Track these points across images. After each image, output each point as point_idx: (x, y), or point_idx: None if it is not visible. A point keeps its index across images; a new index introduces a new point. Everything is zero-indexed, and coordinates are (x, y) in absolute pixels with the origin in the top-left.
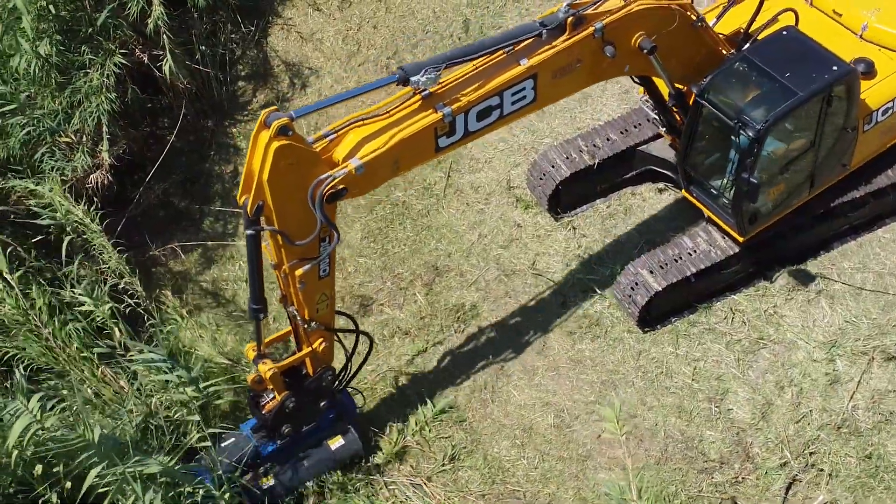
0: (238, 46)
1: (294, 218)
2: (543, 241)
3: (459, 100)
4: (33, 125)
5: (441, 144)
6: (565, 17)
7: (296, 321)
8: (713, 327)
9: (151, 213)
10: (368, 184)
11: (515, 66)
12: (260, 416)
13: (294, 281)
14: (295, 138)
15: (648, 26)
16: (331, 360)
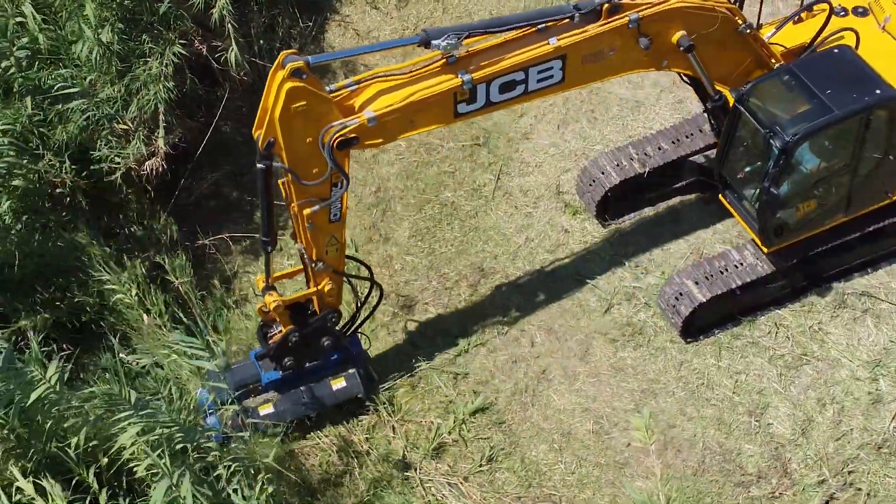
0: (295, 41)
1: (304, 159)
2: (590, 248)
3: (481, 69)
4: (92, 111)
5: (460, 110)
6: (601, 2)
7: (304, 259)
8: (757, 341)
9: (203, 203)
10: (381, 136)
11: (544, 44)
12: (265, 345)
13: (302, 219)
14: (309, 81)
15: (688, 24)
16: (337, 303)
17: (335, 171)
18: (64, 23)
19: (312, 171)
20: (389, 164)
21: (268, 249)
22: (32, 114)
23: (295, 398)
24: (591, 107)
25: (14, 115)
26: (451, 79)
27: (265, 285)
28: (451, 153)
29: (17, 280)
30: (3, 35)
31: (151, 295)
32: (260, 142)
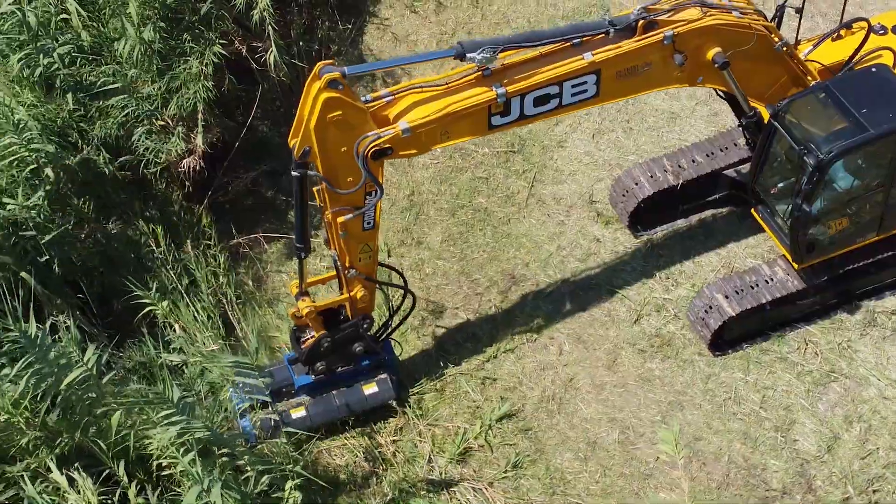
0: (334, 43)
1: (339, 168)
2: (621, 258)
3: (516, 82)
4: (132, 107)
5: (494, 123)
6: (636, 19)
7: (337, 265)
8: (785, 357)
9: (239, 202)
10: (415, 147)
11: (579, 59)
12: (297, 349)
13: (336, 227)
14: (344, 92)
15: (723, 42)
16: (370, 309)
17: (369, 181)
18: (107, 20)
19: (347, 180)
20: (424, 168)
21: (301, 256)
22: (73, 109)
23: (327, 402)
24: (627, 117)
25: (55, 110)
26: (485, 91)
27: (298, 291)
28: (485, 159)
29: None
30: (47, 31)
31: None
32: (295, 150)
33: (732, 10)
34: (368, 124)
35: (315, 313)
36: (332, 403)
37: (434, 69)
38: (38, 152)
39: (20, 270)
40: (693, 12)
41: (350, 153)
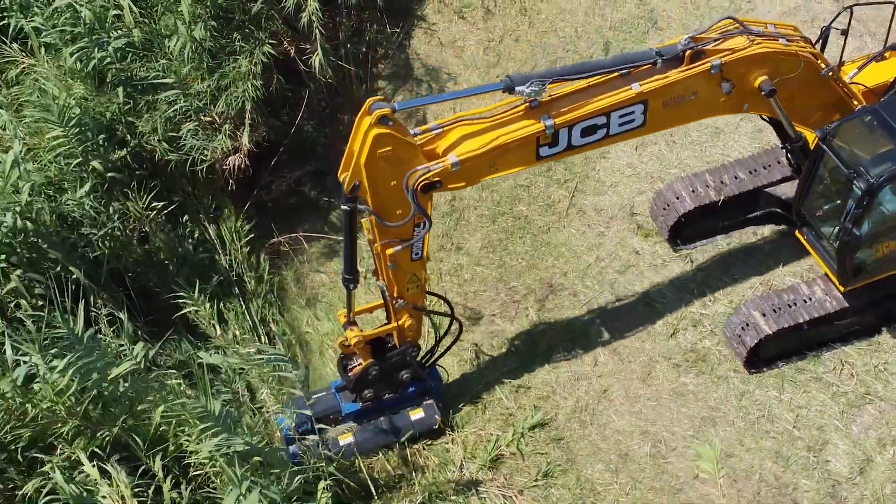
0: (382, 46)
1: (388, 201)
2: (660, 271)
3: (564, 114)
4: (181, 103)
5: (542, 154)
6: (684, 49)
7: (385, 295)
8: (820, 377)
9: (281, 201)
10: (464, 180)
11: (626, 89)
12: (345, 377)
13: (385, 258)
14: (395, 128)
15: (770, 69)
16: (417, 337)
17: (418, 213)
18: (159, 17)
19: (396, 213)
20: None
21: (350, 286)
22: (123, 103)
23: (374, 429)
24: (671, 130)
25: (105, 104)
26: (533, 123)
27: (346, 320)
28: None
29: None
30: (101, 26)
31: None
32: (346, 185)
33: (779, 38)
34: (418, 158)
35: (363, 342)
36: (379, 430)
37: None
38: (87, 145)
39: (69, 264)
40: (740, 40)
41: (400, 187)
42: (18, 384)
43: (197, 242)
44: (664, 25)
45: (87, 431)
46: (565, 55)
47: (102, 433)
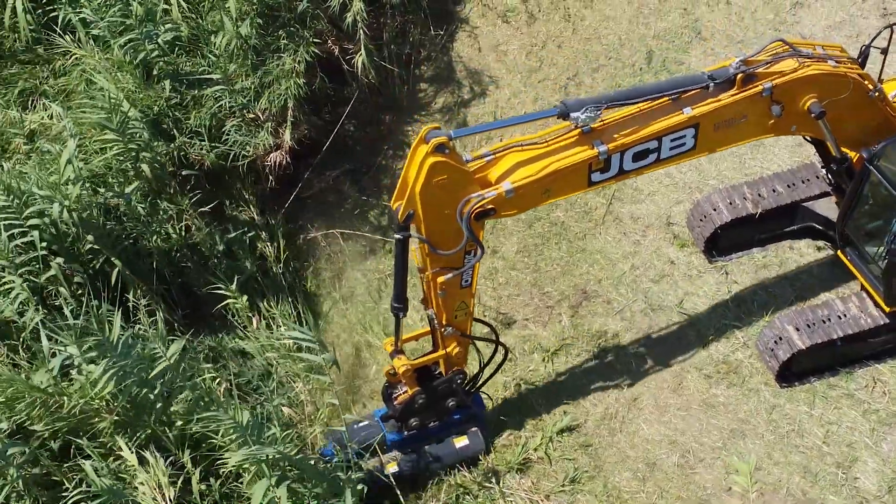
0: (425, 48)
1: (441, 229)
2: (694, 282)
3: (617, 139)
4: (226, 99)
5: (594, 179)
6: (736, 72)
7: (433, 323)
8: (852, 393)
9: (320, 198)
10: (517, 207)
11: (678, 113)
12: (391, 406)
13: (435, 287)
14: (451, 156)
15: (820, 91)
16: (463, 364)
17: (470, 241)
18: (206, 13)
19: (448, 241)
20: None
21: (399, 315)
22: (169, 97)
23: (419, 457)
24: None
25: (154, 98)
26: (586, 149)
27: (394, 349)
28: None
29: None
30: (151, 20)
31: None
32: (400, 213)
33: (828, 59)
34: (472, 186)
35: (411, 371)
36: (425, 458)
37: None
38: (137, 143)
39: (112, 256)
40: (789, 63)
41: (453, 215)
42: (55, 374)
43: (236, 238)
44: (708, 36)
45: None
46: (607, 62)
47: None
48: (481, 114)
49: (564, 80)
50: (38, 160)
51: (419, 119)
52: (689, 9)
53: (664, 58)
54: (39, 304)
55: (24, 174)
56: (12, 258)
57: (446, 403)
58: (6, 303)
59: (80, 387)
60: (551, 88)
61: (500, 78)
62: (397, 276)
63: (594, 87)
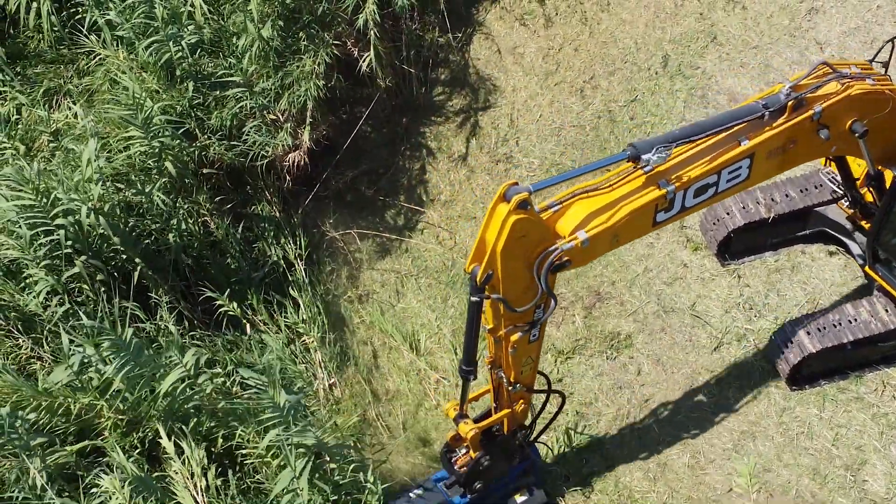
0: (442, 50)
1: (517, 285)
2: (707, 285)
3: (682, 177)
4: (247, 101)
5: (658, 219)
6: (788, 100)
7: (502, 383)
8: (862, 397)
9: (339, 198)
10: (589, 257)
11: (736, 145)
12: (452, 470)
13: (507, 345)
14: (531, 212)
15: (862, 110)
16: (526, 419)
17: (545, 295)
18: (228, 15)
19: (521, 298)
20: (520, 179)
21: (469, 378)
22: (192, 97)
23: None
24: None
25: (177, 98)
26: (653, 190)
27: (458, 413)
28: None
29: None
30: (175, 22)
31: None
32: (479, 276)
33: (866, 78)
34: (549, 239)
35: (479, 434)
36: None
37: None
38: (160, 141)
39: (133, 255)
40: (833, 86)
41: (530, 270)
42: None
43: (255, 237)
44: (723, 41)
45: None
46: (623, 66)
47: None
48: (498, 116)
49: (581, 84)
50: (62, 158)
51: (435, 122)
52: (704, 13)
53: (680, 62)
54: (63, 299)
55: (50, 171)
56: (37, 254)
57: (511, 462)
58: (31, 297)
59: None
60: (568, 91)
61: (517, 80)
62: (469, 339)
63: (610, 91)
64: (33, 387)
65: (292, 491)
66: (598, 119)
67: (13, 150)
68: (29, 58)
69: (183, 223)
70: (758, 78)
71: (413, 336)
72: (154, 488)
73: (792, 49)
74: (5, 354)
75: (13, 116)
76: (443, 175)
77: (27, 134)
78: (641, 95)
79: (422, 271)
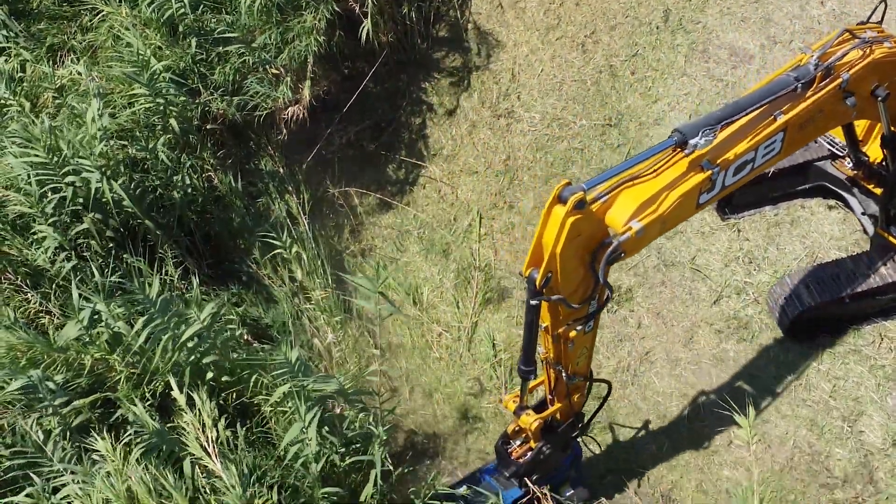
0: (443, 4)
1: (574, 282)
2: (707, 239)
3: (724, 157)
4: (248, 56)
5: (701, 201)
6: (817, 70)
7: (560, 377)
8: (859, 349)
9: (342, 154)
10: (641, 245)
11: (772, 121)
12: (509, 463)
13: (566, 341)
14: (587, 211)
15: (883, 74)
16: (581, 407)
17: (602, 287)
18: None
19: (577, 294)
20: (522, 134)
21: (529, 378)
22: (195, 53)
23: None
24: (726, 100)
25: (180, 54)
26: (697, 173)
27: (518, 405)
28: (582, 130)
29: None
30: None
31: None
32: (539, 279)
33: (884, 42)
34: (603, 232)
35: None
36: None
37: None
38: (165, 97)
39: (139, 211)
40: (856, 52)
41: (587, 266)
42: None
43: (258, 192)
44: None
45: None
46: (625, 21)
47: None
48: (499, 71)
49: (582, 38)
50: (67, 115)
51: (436, 77)
52: None
53: (681, 17)
54: (71, 255)
55: (56, 128)
56: (45, 211)
57: (565, 451)
58: (39, 252)
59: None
60: (569, 46)
61: (518, 35)
62: (528, 341)
63: (611, 45)
64: (49, 343)
65: (300, 441)
66: (599, 74)
67: (18, 107)
68: (32, 14)
69: (187, 178)
70: (758, 32)
71: (415, 290)
72: (168, 440)
73: (793, 3)
74: (14, 309)
75: (18, 73)
76: (444, 130)
77: (32, 90)
78: (642, 50)
79: (424, 226)
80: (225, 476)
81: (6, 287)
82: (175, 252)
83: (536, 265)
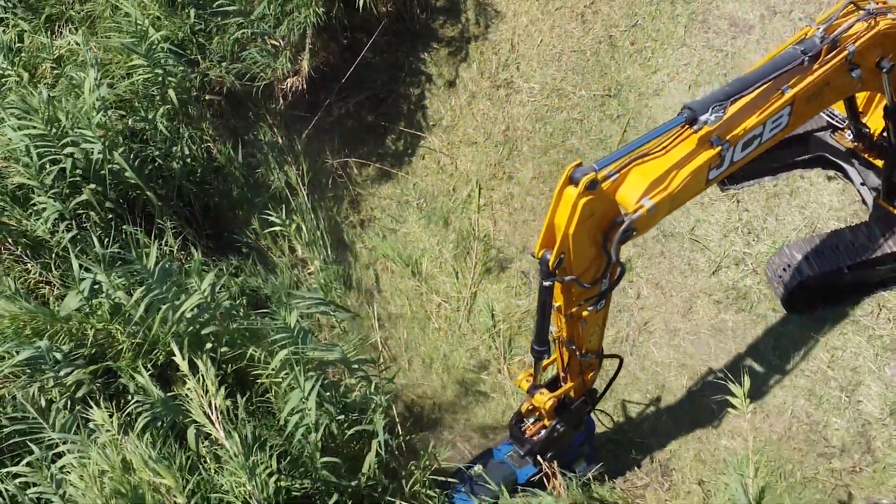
0: None
1: (587, 262)
2: (706, 209)
3: (733, 133)
4: (247, 27)
5: (710, 177)
6: (823, 44)
7: (573, 355)
8: (857, 320)
9: (341, 125)
10: (652, 223)
11: (780, 95)
12: (524, 441)
13: (579, 320)
14: (599, 191)
15: (887, 46)
16: (593, 383)
17: (614, 265)
18: None
19: (589, 273)
20: (521, 104)
21: (543, 357)
22: (194, 23)
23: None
24: (725, 70)
25: (178, 25)
26: (706, 149)
27: (532, 385)
28: (581, 101)
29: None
30: None
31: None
32: (552, 260)
33: (888, 13)
34: (615, 210)
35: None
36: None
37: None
38: (163, 68)
39: (139, 182)
40: (861, 24)
41: (596, 245)
42: (85, 295)
43: (257, 163)
44: None
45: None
46: None
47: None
48: (498, 41)
49: (581, 8)
50: (65, 86)
51: (435, 47)
52: None
53: None
54: (71, 225)
55: (55, 99)
56: (44, 183)
57: (578, 428)
58: (39, 223)
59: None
60: (568, 16)
61: (518, 5)
62: (541, 322)
63: (611, 16)
64: (52, 313)
65: (301, 411)
66: (598, 44)
67: (17, 77)
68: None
69: (186, 149)
70: (758, 2)
71: (414, 261)
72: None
73: None
74: (15, 279)
75: (15, 44)
76: (443, 101)
77: (30, 61)
78: (642, 20)
79: (423, 196)
80: (228, 444)
81: (6, 258)
82: (175, 223)
83: (549, 246)
